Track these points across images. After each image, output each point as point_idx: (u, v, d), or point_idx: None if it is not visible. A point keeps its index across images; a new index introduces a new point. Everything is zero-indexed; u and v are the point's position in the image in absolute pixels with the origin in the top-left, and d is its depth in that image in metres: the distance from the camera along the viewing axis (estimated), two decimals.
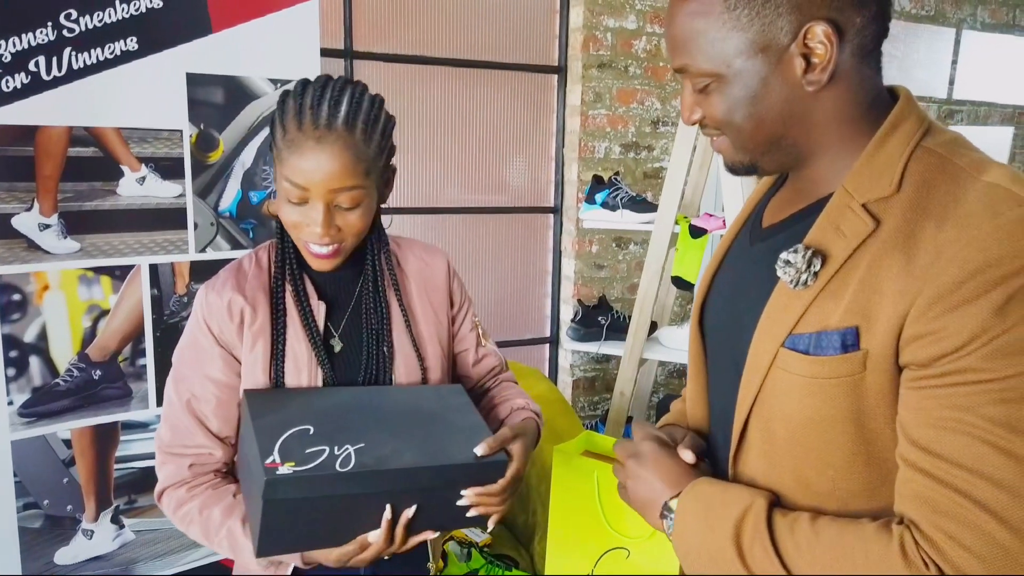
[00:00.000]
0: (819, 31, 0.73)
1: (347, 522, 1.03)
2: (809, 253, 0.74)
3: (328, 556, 1.05)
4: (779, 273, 0.76)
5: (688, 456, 0.89)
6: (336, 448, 1.01)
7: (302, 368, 1.15)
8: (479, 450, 1.06)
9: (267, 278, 1.18)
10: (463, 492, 1.06)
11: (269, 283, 1.18)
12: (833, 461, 0.76)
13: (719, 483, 0.84)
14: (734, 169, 0.86)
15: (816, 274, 0.74)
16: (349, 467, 0.99)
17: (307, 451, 1.00)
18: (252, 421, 1.04)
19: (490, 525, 1.13)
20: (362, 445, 1.02)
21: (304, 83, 1.08)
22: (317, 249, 1.10)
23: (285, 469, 0.96)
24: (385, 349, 1.20)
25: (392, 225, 1.26)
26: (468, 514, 1.09)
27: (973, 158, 0.73)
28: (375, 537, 1.03)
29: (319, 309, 1.18)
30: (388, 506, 1.03)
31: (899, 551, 0.68)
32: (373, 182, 1.09)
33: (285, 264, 1.17)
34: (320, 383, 1.16)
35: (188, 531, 1.16)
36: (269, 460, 0.97)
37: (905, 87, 0.81)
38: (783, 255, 0.76)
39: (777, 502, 0.80)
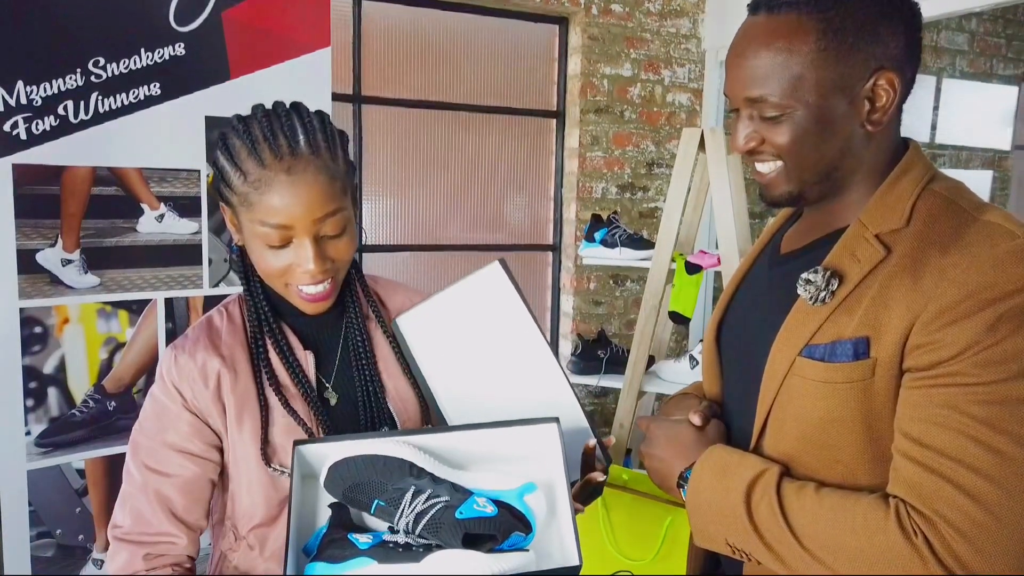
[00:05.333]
0: (887, 78, 0.82)
1: None
2: (828, 274, 0.84)
3: None
4: (799, 291, 0.85)
5: (696, 419, 0.96)
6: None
7: (299, 429, 1.02)
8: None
9: (243, 335, 1.05)
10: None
11: (247, 339, 1.04)
12: (842, 458, 0.84)
13: (736, 451, 0.91)
14: (777, 200, 0.91)
15: (833, 293, 0.83)
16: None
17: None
18: None
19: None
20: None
21: (241, 119, 0.96)
22: (311, 291, 0.97)
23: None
24: (380, 391, 1.08)
25: (395, 262, 1.25)
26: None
27: (973, 201, 0.84)
28: None
29: (307, 360, 1.05)
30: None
31: (895, 520, 0.77)
32: (350, 201, 1.00)
33: (260, 317, 1.04)
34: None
35: None
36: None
37: (914, 139, 0.91)
38: (803, 275, 0.84)
39: (788, 473, 0.87)
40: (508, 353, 1.02)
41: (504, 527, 0.89)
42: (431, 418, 1.12)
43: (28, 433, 1.81)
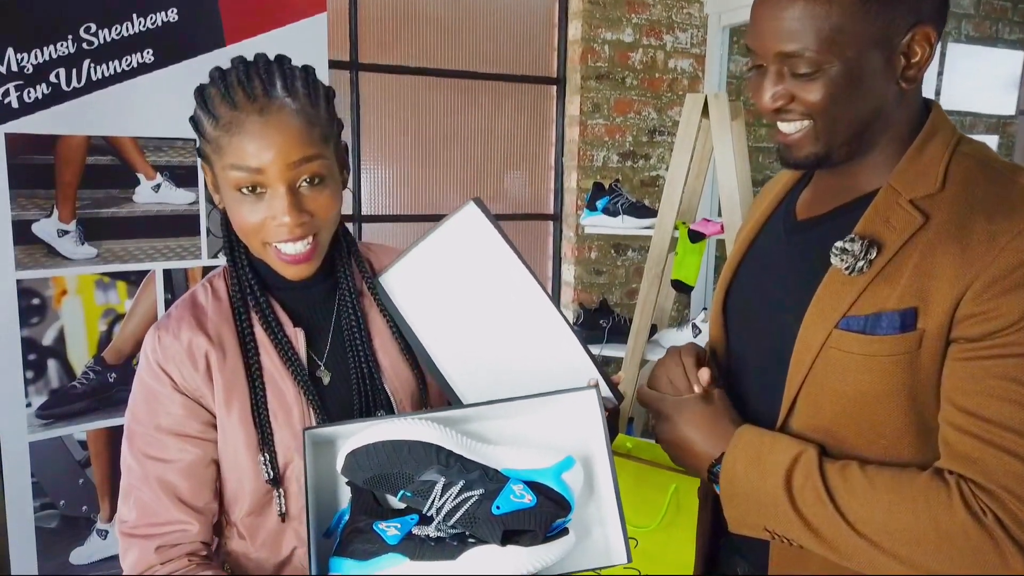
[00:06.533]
0: (924, 33, 0.79)
1: None
2: (866, 243, 0.80)
3: None
4: (834, 261, 0.81)
5: (704, 376, 0.92)
6: None
7: (291, 410, 0.97)
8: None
9: (230, 310, 0.99)
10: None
11: (234, 315, 0.99)
12: (886, 432, 0.81)
13: (766, 432, 0.86)
14: (800, 162, 0.86)
15: (871, 262, 0.80)
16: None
17: None
18: None
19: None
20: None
21: (219, 69, 0.92)
22: (289, 249, 0.92)
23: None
24: (376, 371, 1.03)
25: (394, 232, 1.19)
26: None
27: (1004, 163, 0.82)
28: None
29: (297, 337, 0.99)
30: None
31: (960, 498, 0.74)
32: (332, 153, 0.93)
33: (244, 287, 0.99)
34: (312, 423, 0.97)
35: None
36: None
37: (936, 100, 0.88)
38: (839, 244, 0.81)
39: (824, 452, 0.83)
40: (499, 296, 0.98)
41: (545, 518, 0.83)
42: (428, 397, 1.08)
43: (29, 405, 1.81)
